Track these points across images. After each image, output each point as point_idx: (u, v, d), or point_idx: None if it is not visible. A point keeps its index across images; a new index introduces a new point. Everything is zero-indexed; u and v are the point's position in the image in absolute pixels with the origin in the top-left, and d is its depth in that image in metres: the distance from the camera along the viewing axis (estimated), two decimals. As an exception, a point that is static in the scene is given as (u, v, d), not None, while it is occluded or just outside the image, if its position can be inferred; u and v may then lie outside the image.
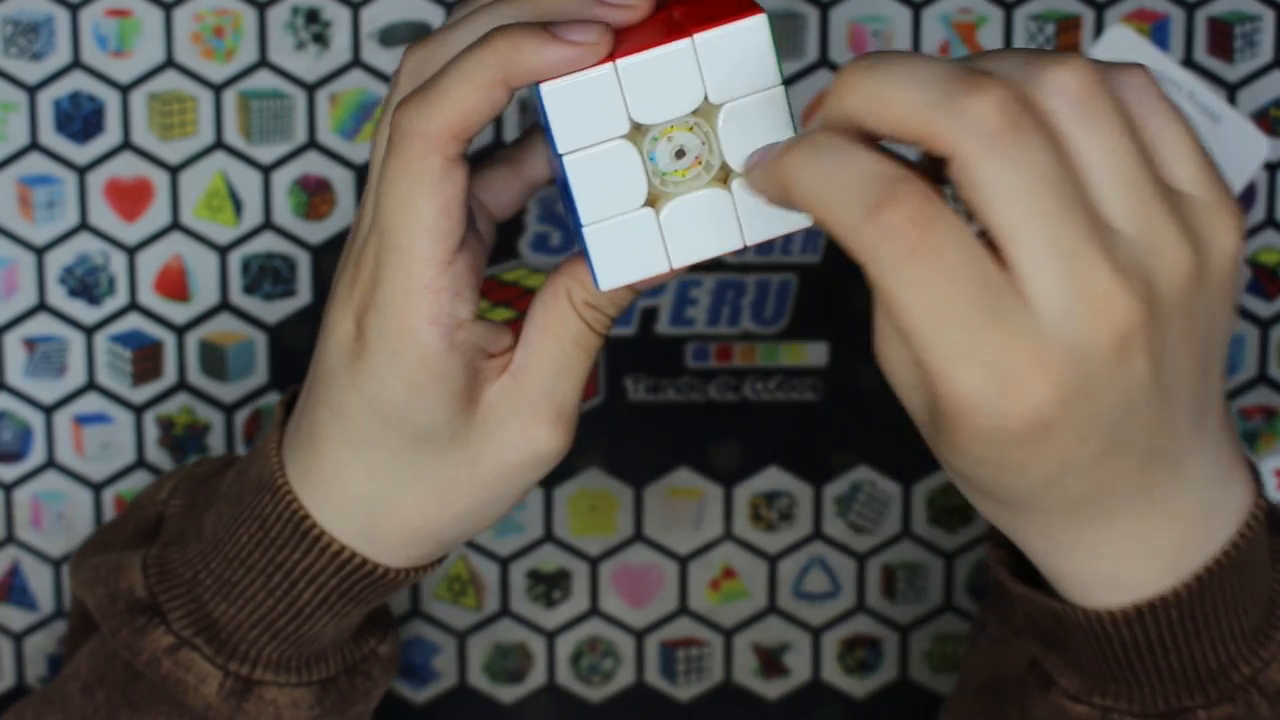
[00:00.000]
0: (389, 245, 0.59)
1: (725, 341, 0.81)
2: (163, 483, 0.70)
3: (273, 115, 0.79)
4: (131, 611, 0.66)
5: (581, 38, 0.56)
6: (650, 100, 0.56)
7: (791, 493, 0.82)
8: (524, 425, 0.61)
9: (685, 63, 0.56)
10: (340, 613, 0.65)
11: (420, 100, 0.57)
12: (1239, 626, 0.59)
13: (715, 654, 0.83)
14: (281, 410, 0.66)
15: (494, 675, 0.83)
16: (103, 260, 0.80)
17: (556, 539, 0.82)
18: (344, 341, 0.61)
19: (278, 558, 0.64)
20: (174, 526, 0.68)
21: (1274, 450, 0.81)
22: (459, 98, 0.57)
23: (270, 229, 0.80)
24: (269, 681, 0.66)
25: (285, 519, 0.63)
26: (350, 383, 0.61)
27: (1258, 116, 0.79)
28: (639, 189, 0.57)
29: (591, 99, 0.56)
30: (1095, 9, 0.79)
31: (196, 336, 0.80)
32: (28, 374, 0.80)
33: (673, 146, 0.57)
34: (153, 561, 0.67)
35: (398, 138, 0.58)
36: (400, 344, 0.59)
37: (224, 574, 0.65)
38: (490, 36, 0.57)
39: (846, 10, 0.79)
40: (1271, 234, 0.80)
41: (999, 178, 0.51)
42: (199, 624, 0.66)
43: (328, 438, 0.62)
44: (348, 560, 0.63)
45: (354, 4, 0.79)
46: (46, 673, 0.82)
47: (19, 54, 0.78)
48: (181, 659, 0.65)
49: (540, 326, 0.61)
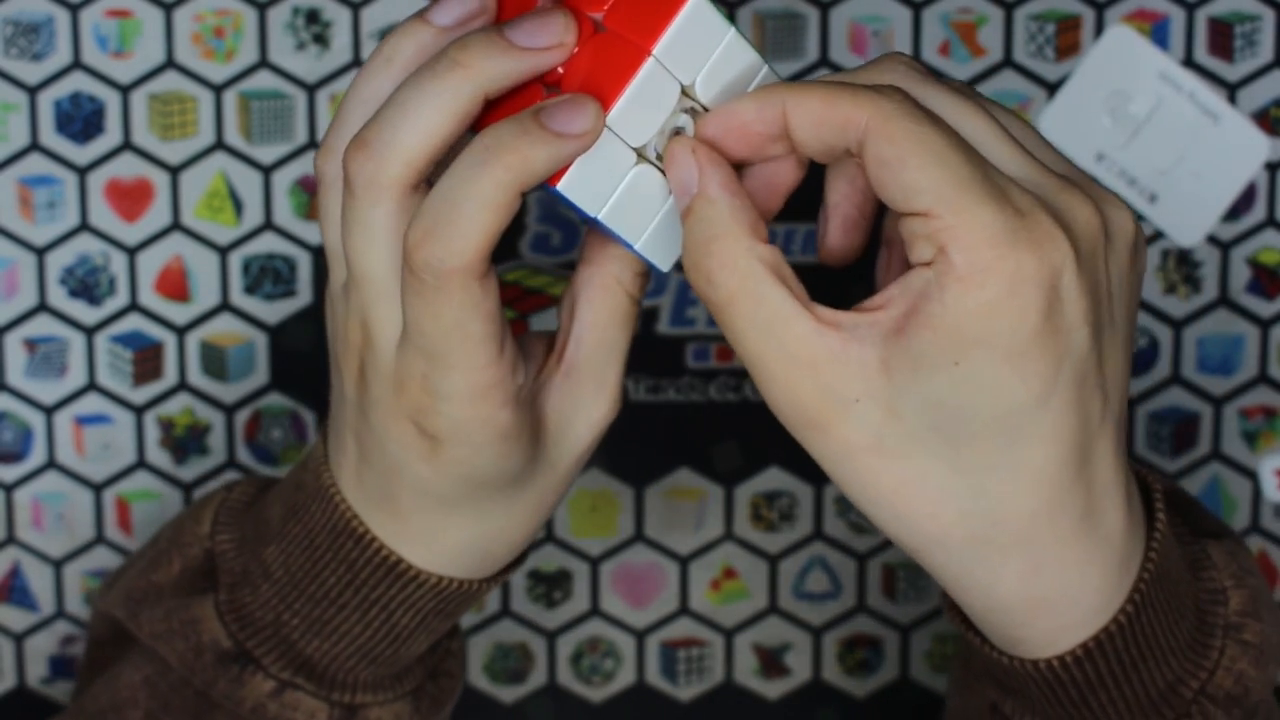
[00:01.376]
0: (444, 366, 0.58)
1: (726, 341, 0.81)
2: (199, 514, 0.69)
3: (273, 115, 0.79)
4: (223, 663, 0.66)
5: (581, 127, 0.55)
6: (641, 124, 0.57)
7: (792, 493, 0.82)
8: (587, 414, 0.62)
9: (658, 78, 0.56)
10: (434, 630, 0.66)
11: (444, 236, 0.55)
12: (1175, 640, 0.60)
13: (716, 654, 0.83)
14: (324, 446, 0.65)
15: (495, 675, 0.83)
16: (103, 261, 0.80)
17: (557, 539, 0.82)
18: (409, 443, 0.60)
19: (371, 595, 0.64)
20: (233, 566, 0.67)
21: (1274, 450, 0.81)
22: (484, 226, 0.56)
23: (271, 229, 0.80)
24: (370, 703, 0.66)
25: (375, 564, 0.63)
26: (433, 473, 0.60)
27: (1258, 116, 0.79)
28: (662, 191, 0.58)
29: (600, 164, 0.56)
30: (1095, 9, 0.79)
31: (197, 337, 0.80)
32: (28, 374, 0.80)
33: (669, 128, 0.57)
34: (226, 607, 0.66)
35: (430, 277, 0.56)
36: (481, 435, 0.59)
37: (312, 614, 0.65)
38: (491, 148, 0.55)
39: (847, 10, 0.79)
40: (1271, 234, 0.80)
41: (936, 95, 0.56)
42: (295, 664, 0.65)
43: (416, 511, 0.62)
44: (446, 587, 0.64)
45: (354, 4, 0.79)
46: (47, 674, 0.82)
47: (19, 54, 0.78)
48: (287, 700, 0.65)
49: (590, 322, 0.61)
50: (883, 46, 0.79)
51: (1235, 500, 0.81)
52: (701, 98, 0.57)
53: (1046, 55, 0.79)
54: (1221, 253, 0.80)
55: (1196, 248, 0.80)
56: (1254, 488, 0.81)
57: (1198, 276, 0.80)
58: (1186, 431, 0.81)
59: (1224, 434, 0.81)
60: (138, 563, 0.70)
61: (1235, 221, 0.80)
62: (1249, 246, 0.80)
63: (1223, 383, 0.81)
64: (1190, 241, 0.80)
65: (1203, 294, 0.80)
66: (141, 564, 0.70)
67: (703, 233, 0.55)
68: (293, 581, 0.65)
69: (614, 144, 0.56)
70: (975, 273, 0.53)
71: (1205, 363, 0.81)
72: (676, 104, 0.57)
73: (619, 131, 0.56)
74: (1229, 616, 0.61)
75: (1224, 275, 0.80)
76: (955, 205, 0.53)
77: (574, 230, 0.80)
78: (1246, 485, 0.81)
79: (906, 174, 0.53)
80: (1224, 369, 0.81)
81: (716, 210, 0.55)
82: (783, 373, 0.55)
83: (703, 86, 0.57)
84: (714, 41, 0.57)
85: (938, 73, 0.58)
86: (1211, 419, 0.81)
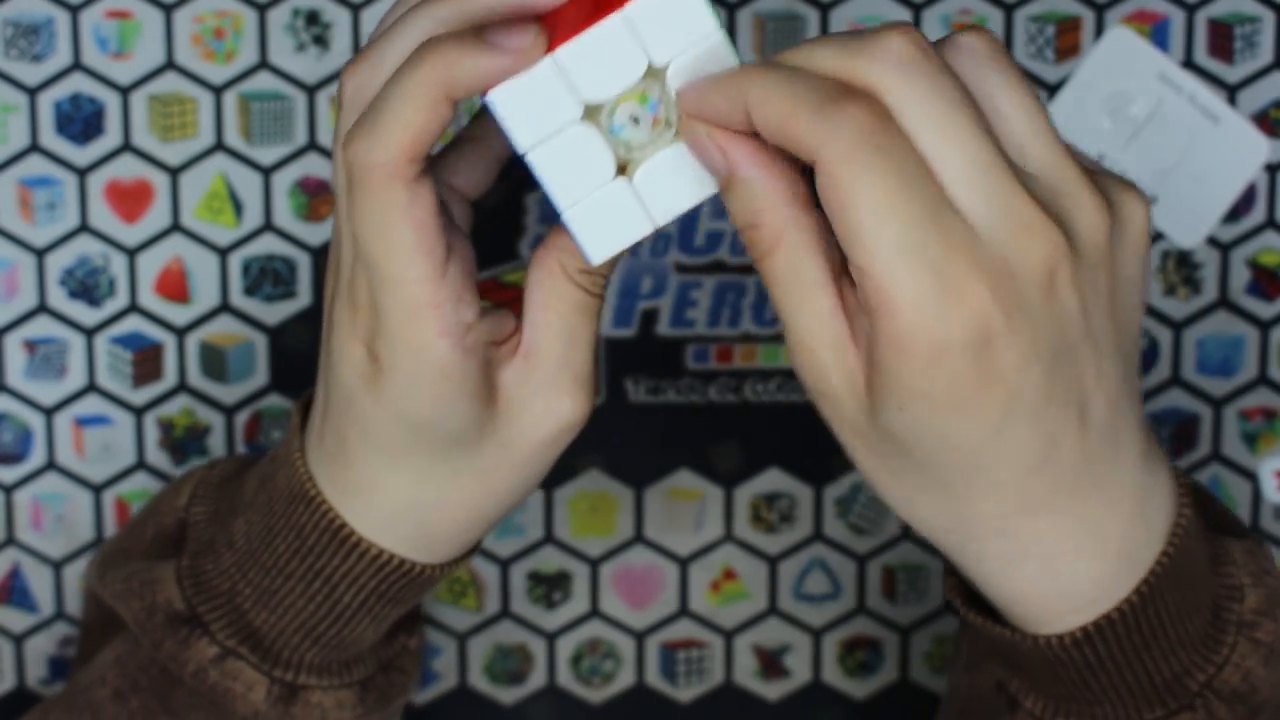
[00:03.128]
0: (379, 277, 0.59)
1: (726, 343, 0.81)
2: (180, 487, 0.70)
3: (273, 117, 0.79)
4: (172, 624, 0.67)
5: (516, 44, 0.55)
6: (596, 79, 0.56)
7: (792, 494, 0.82)
8: (546, 401, 0.62)
9: (621, 37, 0.56)
10: (379, 615, 0.66)
11: (367, 132, 0.57)
12: (1186, 633, 0.60)
13: (716, 655, 0.83)
14: (299, 414, 0.66)
15: (494, 677, 0.83)
16: (103, 262, 0.80)
17: (557, 540, 0.82)
18: (357, 367, 0.61)
19: (316, 564, 0.64)
20: (201, 535, 0.68)
21: (1274, 451, 0.81)
22: (405, 122, 0.56)
23: (271, 231, 0.80)
24: (313, 685, 0.67)
25: (322, 528, 0.64)
26: (374, 403, 0.61)
27: (1258, 118, 0.79)
28: (607, 163, 0.57)
29: (539, 94, 0.56)
30: (1095, 10, 0.79)
31: (197, 338, 0.80)
32: (28, 376, 0.80)
33: (630, 114, 0.57)
34: (187, 573, 0.67)
35: (355, 174, 0.57)
36: (416, 362, 0.60)
37: (263, 583, 0.66)
38: (423, 52, 0.56)
39: (847, 11, 0.79)
40: (1271, 235, 0.80)
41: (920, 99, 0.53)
42: (242, 634, 0.66)
43: (359, 453, 0.63)
44: (386, 562, 0.64)
45: (354, 5, 0.79)
46: (47, 674, 0.82)
47: (19, 56, 0.78)
48: (228, 668, 0.66)
49: (540, 304, 0.62)
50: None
51: (1235, 502, 0.81)
52: (673, 92, 0.57)
53: (1046, 56, 0.79)
54: (1221, 254, 0.80)
55: (1196, 249, 0.80)
56: (1254, 489, 0.82)
57: (1198, 278, 0.80)
58: (1186, 433, 0.81)
59: (1224, 435, 0.81)
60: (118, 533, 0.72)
61: (1235, 223, 0.80)
62: (1249, 248, 0.80)
63: (1223, 384, 0.81)
64: (1190, 243, 0.80)
65: (1203, 295, 0.80)
66: (120, 533, 0.72)
67: (744, 206, 0.56)
68: (250, 550, 0.66)
69: (560, 85, 0.56)
70: (902, 339, 0.53)
71: (1205, 364, 0.81)
72: (640, 79, 0.56)
73: (569, 74, 0.56)
74: (1243, 614, 0.61)
75: (1224, 277, 0.80)
76: (886, 270, 0.53)
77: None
78: (1246, 487, 0.81)
79: (846, 222, 0.53)
80: (1224, 370, 0.81)
81: (751, 189, 0.55)
82: (797, 339, 0.56)
83: (674, 77, 0.57)
84: (697, 34, 0.56)
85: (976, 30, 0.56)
86: (1211, 420, 0.81)
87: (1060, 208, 0.54)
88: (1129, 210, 0.56)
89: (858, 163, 0.52)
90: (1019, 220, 0.53)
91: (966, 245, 0.53)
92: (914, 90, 0.53)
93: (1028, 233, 0.53)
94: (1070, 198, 0.55)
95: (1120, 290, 0.56)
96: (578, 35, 0.56)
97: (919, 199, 0.52)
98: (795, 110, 0.53)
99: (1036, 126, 0.55)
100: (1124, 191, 0.56)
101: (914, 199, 0.52)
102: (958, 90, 0.54)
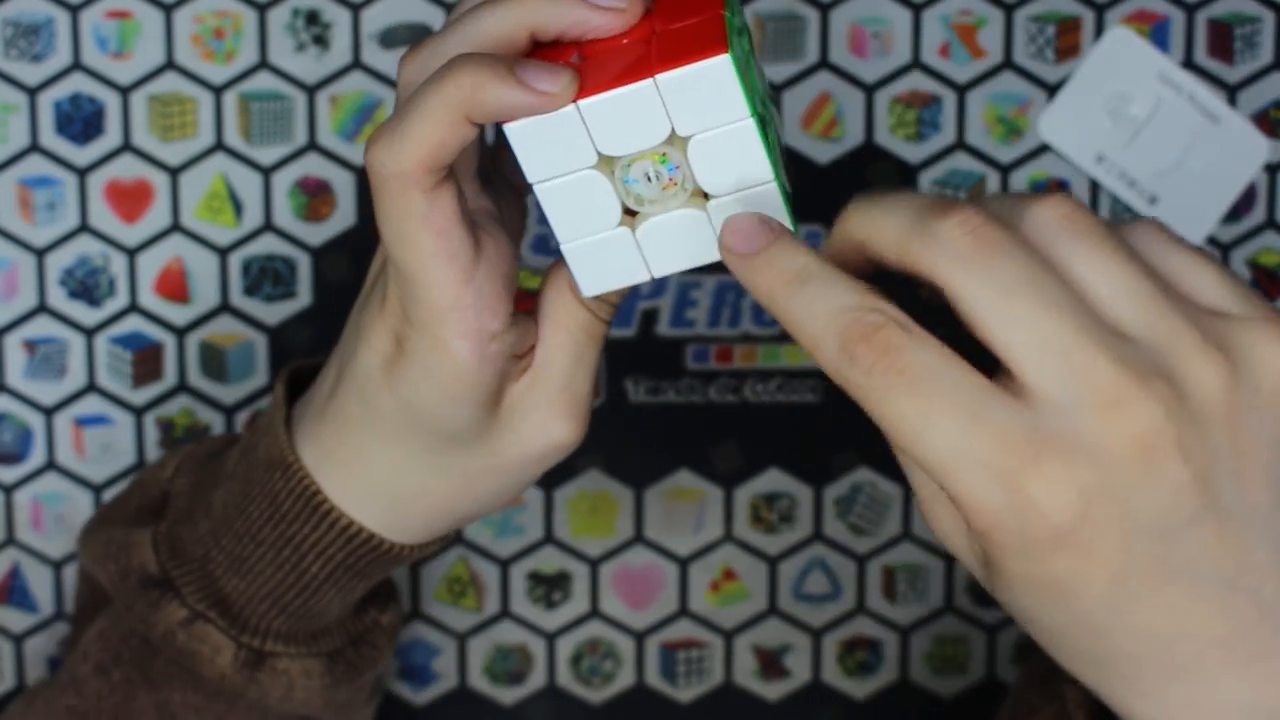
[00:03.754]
0: (404, 278, 0.60)
1: (725, 343, 0.81)
2: (166, 461, 0.71)
3: (273, 117, 0.79)
4: (145, 586, 0.68)
5: (546, 87, 0.56)
6: (616, 135, 0.56)
7: (792, 494, 0.82)
8: (542, 419, 0.63)
9: (649, 101, 0.56)
10: (345, 587, 0.67)
11: (388, 140, 0.57)
12: None
13: (715, 655, 0.83)
14: (283, 388, 0.67)
15: (494, 677, 0.83)
16: (103, 262, 0.80)
17: (557, 541, 0.82)
18: (380, 349, 0.62)
19: (288, 532, 0.65)
20: (182, 504, 0.69)
21: (1274, 452, 0.81)
22: (423, 136, 0.57)
23: (270, 231, 0.80)
24: (280, 653, 0.68)
25: (296, 495, 0.65)
26: (386, 386, 0.62)
27: (1258, 118, 0.79)
28: (613, 211, 0.58)
29: (556, 135, 0.56)
30: (1095, 10, 0.79)
31: (197, 338, 0.80)
32: (28, 376, 0.80)
33: (645, 171, 0.57)
34: (163, 538, 0.68)
35: (376, 180, 0.58)
36: (435, 359, 0.60)
37: (235, 549, 0.66)
38: (453, 70, 0.56)
39: (847, 12, 0.79)
40: (1271, 235, 0.80)
41: (976, 289, 0.51)
42: (211, 598, 0.67)
43: (356, 428, 0.64)
44: (355, 534, 0.65)
45: (354, 5, 0.79)
46: (47, 674, 0.82)
47: (19, 56, 0.78)
48: (196, 631, 0.67)
49: (551, 321, 0.63)
50: (883, 48, 0.79)
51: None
52: (692, 162, 0.56)
53: (1046, 57, 0.79)
54: (1221, 254, 0.80)
55: (1196, 249, 0.80)
56: (1254, 489, 0.81)
57: (1198, 278, 0.80)
58: (1186, 433, 0.81)
59: (1224, 436, 0.81)
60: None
61: (1235, 223, 0.80)
62: (1249, 248, 0.80)
63: (1223, 384, 0.81)
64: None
65: (1203, 296, 0.80)
66: (107, 503, 0.73)
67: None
68: (225, 517, 0.67)
69: (580, 132, 0.56)
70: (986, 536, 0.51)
71: (1205, 364, 0.81)
72: (658, 141, 0.56)
73: (589, 124, 0.56)
74: None
75: (1224, 277, 0.80)
76: (944, 473, 0.51)
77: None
78: (1246, 487, 0.81)
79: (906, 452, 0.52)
80: (1224, 371, 0.81)
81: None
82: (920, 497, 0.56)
83: (696, 151, 0.56)
84: (726, 114, 0.56)
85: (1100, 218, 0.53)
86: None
87: (1167, 370, 0.51)
88: (1262, 357, 0.52)
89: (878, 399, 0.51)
90: (1100, 397, 0.50)
91: (1023, 436, 0.50)
92: (970, 282, 0.51)
93: (1113, 409, 0.50)
94: (1178, 356, 0.51)
95: (1258, 450, 0.52)
96: (607, 90, 0.56)
97: (952, 407, 0.51)
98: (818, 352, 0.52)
99: (1128, 286, 0.51)
100: (1257, 336, 0.52)
101: (946, 410, 0.51)
102: (1019, 269, 0.51)
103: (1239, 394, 0.51)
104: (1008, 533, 0.51)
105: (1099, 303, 0.51)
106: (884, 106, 0.79)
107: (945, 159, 0.80)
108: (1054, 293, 0.51)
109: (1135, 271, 0.51)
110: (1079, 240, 0.52)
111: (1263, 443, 0.52)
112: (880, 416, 0.51)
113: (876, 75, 0.79)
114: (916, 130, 0.79)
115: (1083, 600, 0.52)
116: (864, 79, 0.79)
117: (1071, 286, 0.51)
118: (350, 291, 0.80)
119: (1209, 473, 0.51)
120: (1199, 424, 0.51)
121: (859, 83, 0.79)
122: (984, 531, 0.51)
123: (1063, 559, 0.51)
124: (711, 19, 0.56)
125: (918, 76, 0.79)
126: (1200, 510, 0.51)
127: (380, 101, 0.79)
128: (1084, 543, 0.51)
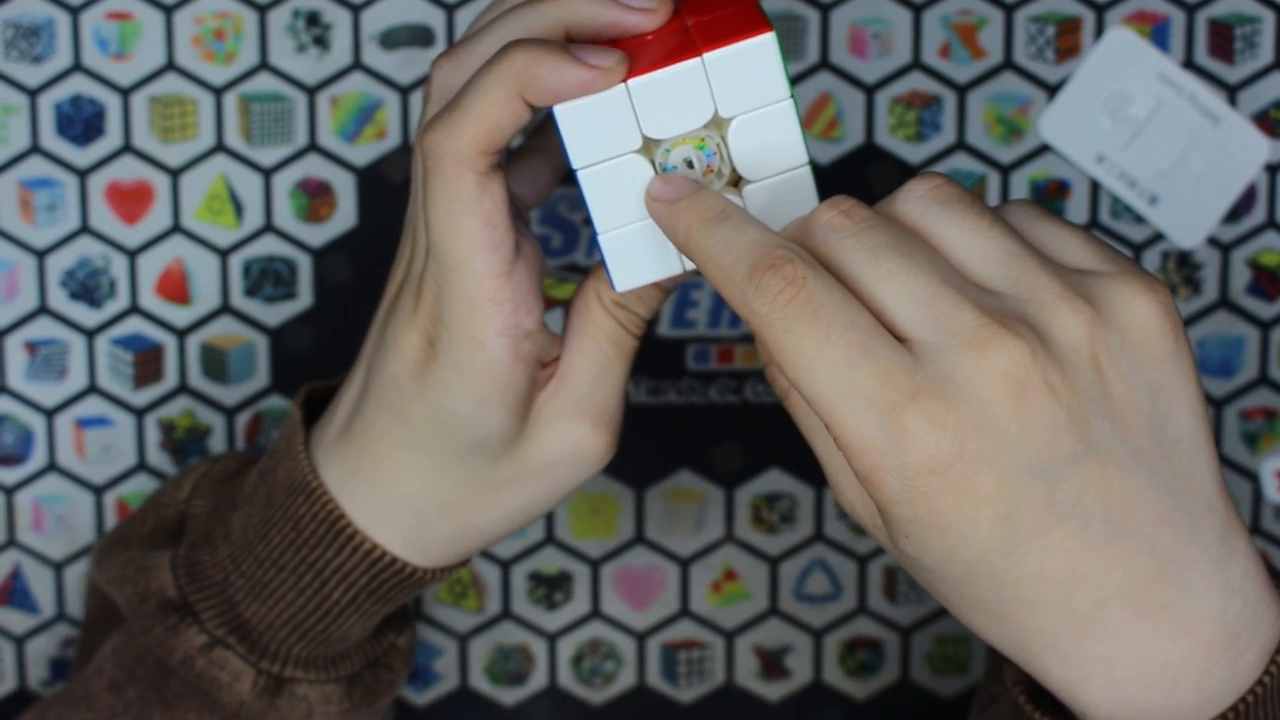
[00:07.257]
0: (445, 265, 0.60)
1: (726, 344, 0.81)
2: (182, 480, 0.71)
3: (274, 118, 0.79)
4: (163, 611, 0.67)
5: (600, 62, 0.57)
6: (662, 116, 0.58)
7: (793, 494, 0.82)
8: (566, 425, 0.63)
9: (695, 81, 0.57)
10: (367, 612, 0.67)
11: (445, 121, 0.58)
12: None
13: (716, 656, 0.83)
14: (299, 411, 0.67)
15: (495, 677, 0.83)
16: (104, 263, 0.80)
17: (558, 541, 0.82)
18: (411, 354, 0.62)
19: (310, 557, 0.65)
20: (200, 527, 0.69)
21: (1274, 452, 0.81)
22: (480, 115, 0.58)
23: (271, 232, 0.80)
24: (300, 679, 0.67)
25: (320, 519, 0.65)
26: (416, 391, 0.62)
27: (1258, 118, 0.79)
28: None
29: (604, 117, 0.57)
30: (1095, 10, 0.79)
31: (197, 339, 0.80)
32: (29, 377, 0.80)
33: (684, 157, 0.58)
34: (182, 562, 0.68)
35: (430, 161, 0.59)
36: (468, 357, 0.61)
37: (255, 575, 0.66)
38: (508, 50, 0.57)
39: (847, 12, 0.79)
40: (1271, 235, 0.80)
41: (850, 256, 0.54)
42: (231, 624, 0.67)
43: (383, 438, 0.63)
44: (379, 559, 0.65)
45: (354, 6, 0.79)
46: (48, 676, 0.82)
47: (20, 57, 0.78)
48: (215, 657, 0.67)
49: (578, 330, 0.63)
50: (883, 48, 0.79)
51: (1236, 502, 0.81)
52: (731, 145, 0.58)
53: (1047, 57, 0.79)
54: (1222, 254, 0.80)
55: (1197, 249, 0.80)
56: (1255, 490, 0.81)
57: (1198, 278, 0.80)
58: (1187, 433, 0.81)
59: (1224, 436, 0.81)
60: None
61: (1235, 223, 0.80)
62: (1249, 248, 0.80)
63: (1223, 384, 0.81)
64: (1190, 243, 0.80)
65: (1203, 296, 0.80)
66: (121, 522, 0.73)
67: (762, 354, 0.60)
68: (245, 543, 0.67)
69: (627, 114, 0.57)
70: (868, 477, 0.54)
71: (1206, 364, 0.81)
72: (701, 123, 0.58)
73: (637, 105, 0.57)
74: None
75: (1224, 277, 0.80)
76: (831, 415, 0.54)
77: (574, 232, 0.80)
78: (1247, 487, 0.81)
79: (797, 385, 0.54)
80: (1224, 371, 0.81)
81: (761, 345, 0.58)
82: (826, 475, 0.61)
83: (735, 133, 0.58)
84: (768, 94, 0.57)
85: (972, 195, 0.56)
86: (1212, 421, 0.81)
87: (1032, 318, 0.53)
88: (1126, 305, 0.54)
89: (783, 324, 0.53)
90: (966, 338, 0.53)
91: (905, 374, 0.53)
92: (845, 251, 0.55)
93: (979, 348, 0.53)
94: (1041, 305, 0.53)
95: (1133, 394, 0.54)
96: (655, 70, 0.57)
97: (845, 342, 0.53)
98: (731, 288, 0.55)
99: (993, 247, 0.55)
100: (1121, 287, 0.54)
101: (839, 343, 0.53)
102: (886, 236, 0.54)
103: (1105, 339, 0.53)
104: (888, 472, 0.53)
105: (966, 264, 0.55)
106: (884, 107, 0.79)
107: (945, 159, 0.80)
108: (919, 253, 0.54)
109: (1000, 233, 0.55)
110: (946, 207, 0.55)
111: (1139, 388, 0.54)
112: (775, 346, 0.54)
113: (877, 75, 0.79)
114: (917, 130, 0.79)
115: (972, 543, 0.53)
116: (864, 79, 0.79)
117: (940, 251, 0.55)
118: (351, 292, 0.80)
119: (1082, 413, 0.53)
120: (1066, 366, 0.53)
121: (859, 83, 0.79)
122: (867, 474, 0.53)
123: (946, 498, 0.53)
124: (746, 6, 0.58)
125: (918, 77, 0.79)
126: (1080, 451, 0.53)
127: (381, 103, 0.79)
128: (964, 479, 0.52)
